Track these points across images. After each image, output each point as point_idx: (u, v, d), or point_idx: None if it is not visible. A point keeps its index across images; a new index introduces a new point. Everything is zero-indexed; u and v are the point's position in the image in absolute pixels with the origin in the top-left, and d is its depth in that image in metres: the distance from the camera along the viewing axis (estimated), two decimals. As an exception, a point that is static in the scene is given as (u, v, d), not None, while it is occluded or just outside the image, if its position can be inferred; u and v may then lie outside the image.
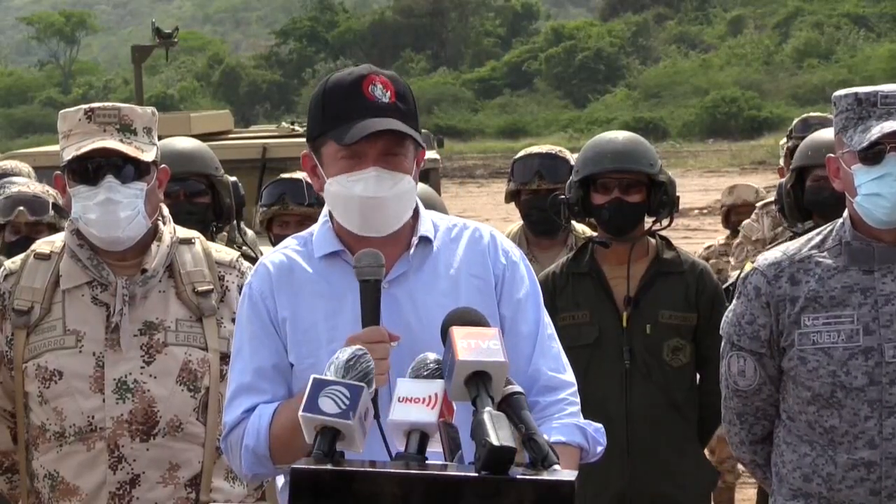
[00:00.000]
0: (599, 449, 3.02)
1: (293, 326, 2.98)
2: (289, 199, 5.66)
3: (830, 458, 3.43)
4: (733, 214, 8.31)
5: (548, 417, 2.97)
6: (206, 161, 5.35)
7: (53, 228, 5.08)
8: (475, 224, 3.13)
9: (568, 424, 2.98)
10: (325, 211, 3.11)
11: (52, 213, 5.51)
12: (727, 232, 8.36)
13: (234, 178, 5.50)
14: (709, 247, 8.38)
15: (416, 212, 3.06)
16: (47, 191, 5.56)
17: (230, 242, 5.41)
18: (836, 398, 3.40)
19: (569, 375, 3.06)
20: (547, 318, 3.10)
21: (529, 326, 3.04)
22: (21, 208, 5.58)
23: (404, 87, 3.00)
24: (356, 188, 2.93)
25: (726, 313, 3.62)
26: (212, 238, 4.76)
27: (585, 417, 3.04)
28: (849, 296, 3.40)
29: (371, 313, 2.85)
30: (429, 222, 3.07)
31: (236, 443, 2.96)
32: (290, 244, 3.09)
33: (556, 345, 3.08)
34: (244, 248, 5.38)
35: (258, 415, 2.93)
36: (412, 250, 3.02)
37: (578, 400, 3.04)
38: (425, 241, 3.04)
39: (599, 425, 3.03)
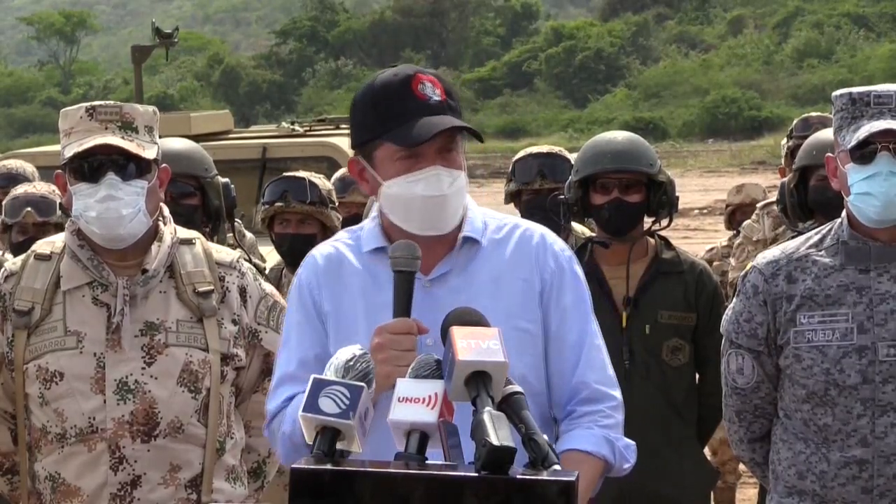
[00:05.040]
0: (626, 466, 2.99)
1: (336, 320, 2.99)
2: (291, 196, 5.66)
3: (824, 456, 3.45)
4: (739, 214, 8.30)
5: (579, 425, 2.96)
6: (195, 162, 5.25)
7: (61, 229, 5.06)
8: (527, 224, 3.10)
9: (596, 434, 2.95)
10: (375, 208, 3.09)
11: (59, 213, 5.53)
12: (729, 233, 8.36)
13: (225, 180, 5.44)
14: (711, 248, 8.38)
15: (463, 210, 3.04)
16: (54, 191, 5.57)
17: (220, 245, 5.37)
18: (829, 396, 3.41)
19: (614, 390, 3.03)
20: (596, 327, 3.06)
21: (576, 335, 3.01)
22: (29, 209, 5.62)
23: (450, 85, 3.00)
24: (417, 188, 2.93)
25: (726, 312, 3.64)
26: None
27: None
28: (844, 294, 3.41)
29: (402, 304, 2.84)
30: (478, 221, 3.05)
31: (277, 431, 2.99)
32: (342, 237, 3.11)
33: (604, 356, 3.05)
34: (238, 250, 5.33)
35: (296, 403, 2.93)
36: (456, 250, 3.01)
37: (618, 415, 3.01)
38: (472, 241, 3.02)
39: (631, 442, 3.00)
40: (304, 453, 2.93)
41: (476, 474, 2.26)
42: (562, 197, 4.97)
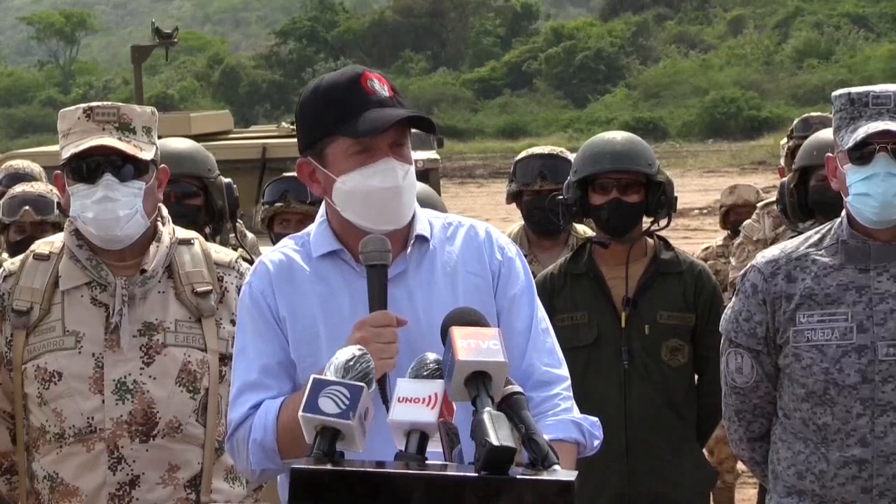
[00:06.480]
0: (596, 443, 3.03)
1: (293, 325, 2.98)
2: (291, 196, 5.65)
3: (823, 456, 3.45)
4: (733, 214, 8.33)
5: (542, 414, 2.97)
6: (198, 162, 5.24)
7: (58, 228, 5.08)
8: (470, 221, 3.12)
9: (563, 421, 2.98)
10: (321, 211, 3.09)
11: (56, 212, 5.54)
12: (726, 233, 8.38)
13: (228, 180, 5.43)
14: (707, 248, 8.40)
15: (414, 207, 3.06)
16: (52, 190, 5.58)
17: (223, 245, 5.36)
18: (828, 395, 3.42)
19: (563, 370, 3.06)
20: (542, 313, 3.10)
21: (524, 321, 3.04)
22: (26, 208, 5.63)
23: (396, 85, 3.02)
24: (374, 180, 2.93)
25: (725, 311, 3.64)
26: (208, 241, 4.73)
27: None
28: (844, 294, 3.42)
29: (378, 298, 2.86)
30: (425, 221, 3.06)
31: (243, 439, 2.95)
32: (288, 244, 3.08)
33: (551, 339, 3.08)
34: (239, 250, 5.33)
35: (265, 409, 2.92)
36: (409, 249, 3.01)
37: (572, 394, 3.04)
38: (422, 239, 3.04)
39: (595, 419, 3.04)
40: (276, 461, 2.94)
41: (476, 474, 2.26)
42: (561, 197, 4.96)
